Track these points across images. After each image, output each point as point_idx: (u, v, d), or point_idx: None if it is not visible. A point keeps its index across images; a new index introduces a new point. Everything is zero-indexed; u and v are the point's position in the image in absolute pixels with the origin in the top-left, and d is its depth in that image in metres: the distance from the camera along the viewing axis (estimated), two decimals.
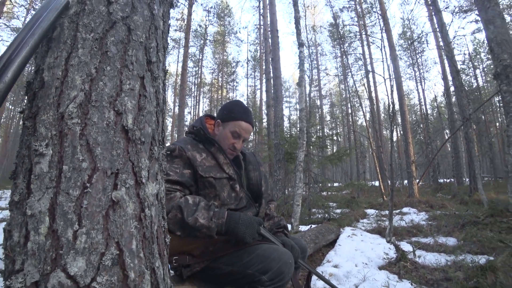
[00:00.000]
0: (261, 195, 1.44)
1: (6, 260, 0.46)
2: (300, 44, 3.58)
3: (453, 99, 12.08)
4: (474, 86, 18.44)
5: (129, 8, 0.65)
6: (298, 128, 3.59)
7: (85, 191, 0.49)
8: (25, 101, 0.58)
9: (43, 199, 0.47)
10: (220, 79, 26.08)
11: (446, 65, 10.91)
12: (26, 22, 0.66)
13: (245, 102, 25.73)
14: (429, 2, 9.78)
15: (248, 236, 1.13)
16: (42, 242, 0.45)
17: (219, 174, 1.30)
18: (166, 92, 0.77)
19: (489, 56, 18.61)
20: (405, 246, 3.65)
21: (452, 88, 11.29)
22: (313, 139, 5.57)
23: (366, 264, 3.07)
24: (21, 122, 0.59)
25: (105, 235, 0.49)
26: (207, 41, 22.46)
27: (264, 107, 16.62)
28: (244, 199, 1.37)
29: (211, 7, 17.92)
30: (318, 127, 20.41)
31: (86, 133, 0.52)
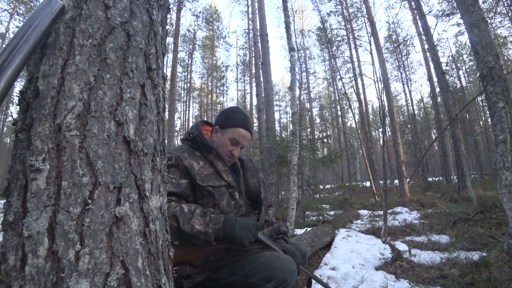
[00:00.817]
0: (261, 202, 1.42)
1: (0, 286, 0.43)
2: (291, 49, 3.60)
3: (439, 100, 12.42)
4: (458, 87, 19.05)
5: (128, 13, 0.62)
6: (291, 132, 3.60)
7: (86, 208, 0.46)
8: (18, 111, 0.54)
9: (41, 218, 0.44)
10: (209, 83, 26.00)
11: (432, 67, 11.21)
12: (16, 27, 0.62)
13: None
14: (414, 7, 10.08)
15: (246, 239, 1.10)
16: (41, 265, 0.41)
17: (217, 182, 1.27)
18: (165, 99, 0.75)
19: (471, 57, 19.30)
20: (400, 246, 3.68)
21: (437, 89, 11.61)
22: (304, 141, 5.59)
23: (363, 265, 3.08)
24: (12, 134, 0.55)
25: (109, 254, 0.46)
26: (196, 45, 22.39)
27: (254, 111, 16.64)
28: (243, 206, 1.34)
29: (200, 12, 17.93)
30: (309, 130, 20.59)
31: (86, 146, 0.49)
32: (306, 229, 4.26)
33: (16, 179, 0.48)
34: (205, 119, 1.58)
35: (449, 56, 18.96)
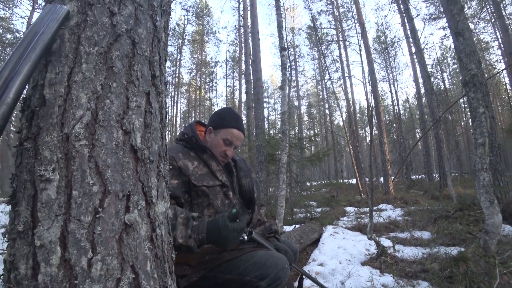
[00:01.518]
0: (254, 202, 1.45)
1: None
2: (283, 48, 3.63)
3: (424, 100, 12.81)
4: (441, 88, 19.71)
5: (133, 20, 0.62)
6: (281, 131, 3.64)
7: (97, 217, 0.47)
8: (22, 119, 0.54)
9: (52, 227, 0.44)
10: (198, 79, 25.68)
11: (418, 69, 11.53)
12: (23, 34, 0.61)
13: (224, 103, 25.54)
14: (402, 10, 10.30)
15: (231, 244, 1.09)
16: (54, 274, 0.42)
17: (211, 182, 1.29)
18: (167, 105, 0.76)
19: (455, 61, 19.98)
20: (385, 242, 3.81)
21: (423, 91, 11.96)
22: (293, 140, 5.67)
23: (349, 260, 3.19)
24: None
25: (120, 259, 0.47)
26: (185, 40, 22.02)
27: (243, 108, 16.61)
28: (237, 205, 1.37)
29: (190, 6, 17.60)
30: (297, 128, 20.76)
31: (95, 155, 0.50)
32: (295, 226, 4.34)
33: (23, 188, 0.48)
34: (198, 119, 1.60)
35: (434, 60, 19.56)
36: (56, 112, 0.50)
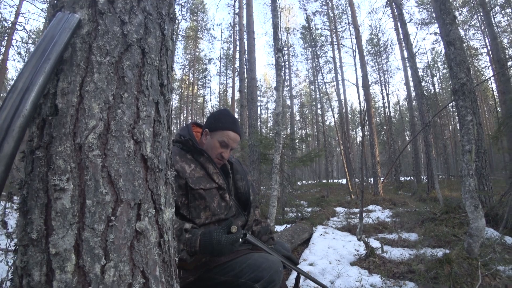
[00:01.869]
0: (250, 204, 1.48)
1: None
2: (279, 50, 3.65)
3: (414, 103, 13.08)
4: (431, 92, 20.16)
5: (143, 30, 0.63)
6: (274, 132, 3.68)
7: (110, 225, 0.49)
8: (32, 127, 0.54)
9: (67, 236, 0.46)
10: (191, 75, 25.46)
11: (409, 73, 11.75)
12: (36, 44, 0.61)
13: (217, 100, 25.37)
14: (396, 14, 10.46)
15: (224, 253, 1.12)
16: (69, 280, 0.44)
17: (208, 184, 1.30)
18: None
19: (445, 65, 20.44)
20: (373, 243, 3.90)
21: (413, 94, 12.21)
22: (284, 140, 5.72)
23: (339, 261, 3.26)
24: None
25: (131, 265, 0.49)
26: (179, 36, 21.76)
27: (236, 106, 16.58)
28: (233, 207, 1.39)
29: (185, 1, 17.39)
30: (289, 128, 20.86)
31: (107, 165, 0.51)
32: (286, 226, 4.39)
33: (36, 197, 0.49)
34: (194, 119, 1.61)
35: (426, 64, 19.97)
36: (69, 121, 0.51)
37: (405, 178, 18.15)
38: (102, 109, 0.54)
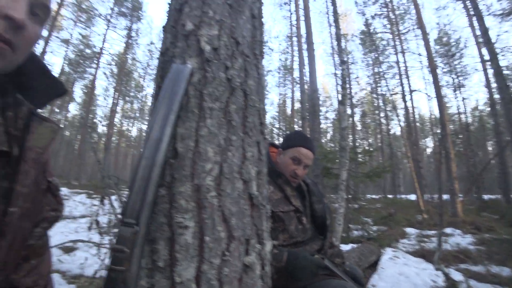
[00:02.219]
0: (326, 228, 1.44)
1: None
2: (342, 62, 3.55)
3: (498, 107, 11.19)
4: None
5: (243, 73, 0.68)
6: (340, 147, 3.54)
7: (224, 259, 0.53)
8: None
9: (189, 268, 0.51)
10: None
11: (490, 73, 10.16)
12: (155, 92, 0.70)
13: (275, 111, 25.72)
14: (469, 8, 9.24)
15: (305, 279, 1.15)
16: None
17: (286, 207, 1.32)
18: None
19: None
20: (454, 274, 3.41)
21: (497, 96, 10.49)
22: (350, 154, 5.45)
23: None
24: None
25: None
26: None
27: (295, 117, 16.59)
28: (309, 230, 1.37)
29: None
30: (350, 138, 19.83)
31: (222, 205, 0.56)
32: (352, 246, 4.14)
33: (161, 230, 0.55)
34: (273, 142, 1.66)
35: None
36: (188, 164, 0.57)
37: (490, 196, 15.35)
38: (216, 152, 0.58)
